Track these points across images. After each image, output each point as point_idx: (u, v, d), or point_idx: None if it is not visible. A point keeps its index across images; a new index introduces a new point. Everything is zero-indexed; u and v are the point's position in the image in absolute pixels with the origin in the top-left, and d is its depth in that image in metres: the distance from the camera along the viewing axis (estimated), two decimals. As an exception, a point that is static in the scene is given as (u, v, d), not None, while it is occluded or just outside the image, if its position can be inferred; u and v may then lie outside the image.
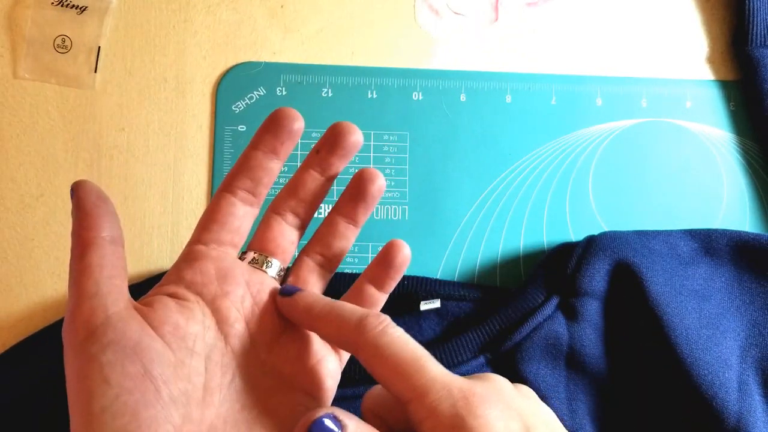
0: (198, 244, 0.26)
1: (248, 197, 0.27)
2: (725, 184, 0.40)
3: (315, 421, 0.21)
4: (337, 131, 0.27)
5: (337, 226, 0.28)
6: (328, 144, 0.27)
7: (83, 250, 0.23)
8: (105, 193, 0.24)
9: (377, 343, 0.23)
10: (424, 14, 0.41)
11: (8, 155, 0.38)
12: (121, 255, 0.24)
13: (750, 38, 0.40)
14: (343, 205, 0.28)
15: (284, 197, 0.28)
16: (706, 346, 0.33)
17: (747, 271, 0.36)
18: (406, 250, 0.28)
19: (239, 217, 0.27)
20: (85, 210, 0.23)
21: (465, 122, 0.40)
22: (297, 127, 0.26)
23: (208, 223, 0.26)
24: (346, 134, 0.27)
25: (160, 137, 0.39)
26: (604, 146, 0.40)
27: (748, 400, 0.32)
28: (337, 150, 0.27)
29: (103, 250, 0.23)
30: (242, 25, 0.40)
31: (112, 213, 0.24)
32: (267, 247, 0.27)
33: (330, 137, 0.27)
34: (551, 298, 0.35)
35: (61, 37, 0.38)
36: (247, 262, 0.27)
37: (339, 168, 0.28)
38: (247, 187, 0.27)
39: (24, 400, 0.33)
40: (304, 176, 0.28)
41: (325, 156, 0.27)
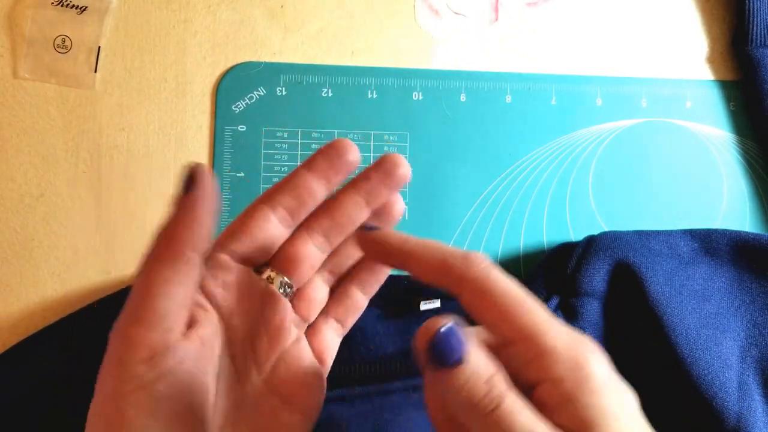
0: (223, 253, 0.25)
1: (286, 218, 0.25)
2: (725, 184, 0.40)
3: (446, 329, 0.19)
4: (391, 162, 0.26)
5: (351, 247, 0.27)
6: (381, 173, 0.26)
7: (170, 260, 0.21)
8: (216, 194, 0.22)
9: (487, 278, 0.21)
10: (424, 14, 0.41)
11: (8, 155, 0.38)
12: (198, 277, 0.22)
13: (750, 38, 0.40)
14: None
15: (319, 216, 0.26)
16: (706, 346, 0.33)
17: (747, 271, 0.36)
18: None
19: (271, 234, 0.25)
20: (194, 215, 0.21)
21: (465, 122, 0.40)
22: (353, 159, 0.25)
23: (237, 233, 0.25)
24: (399, 166, 0.26)
25: (160, 137, 0.39)
26: (604, 146, 0.40)
27: (748, 400, 0.32)
28: (388, 180, 0.26)
29: (191, 268, 0.21)
30: (242, 25, 0.40)
31: (212, 225, 0.22)
32: (287, 266, 0.26)
33: (382, 166, 0.26)
34: (551, 298, 0.35)
35: (61, 37, 0.38)
36: (264, 277, 0.26)
37: (385, 199, 0.27)
38: (287, 205, 0.25)
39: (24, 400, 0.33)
40: (346, 200, 0.26)
41: (375, 184, 0.26)
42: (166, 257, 0.21)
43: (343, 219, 0.26)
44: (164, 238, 0.21)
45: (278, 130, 0.39)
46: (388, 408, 0.34)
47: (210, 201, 0.21)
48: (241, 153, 0.39)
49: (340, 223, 0.26)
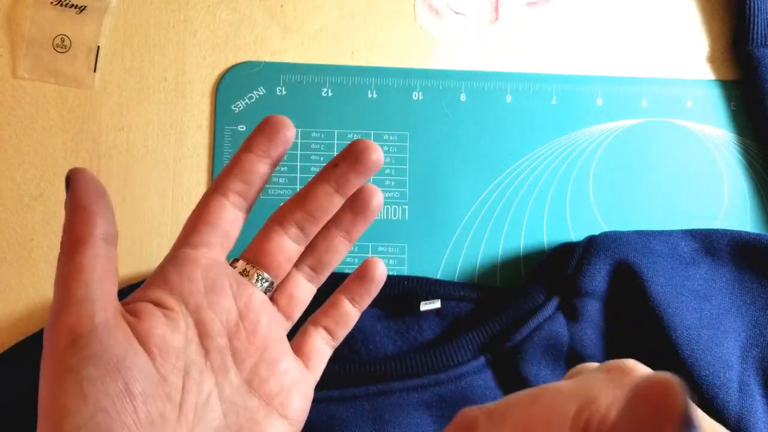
0: (186, 247, 0.25)
1: (239, 201, 0.25)
2: (726, 184, 0.40)
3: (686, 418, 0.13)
4: (359, 148, 0.26)
5: (332, 240, 0.27)
6: (349, 159, 0.26)
7: (75, 248, 0.22)
8: (100, 182, 0.23)
9: None
10: (424, 14, 0.41)
11: (8, 155, 0.38)
12: (114, 255, 0.23)
13: (751, 38, 0.40)
14: (342, 218, 0.27)
15: (291, 208, 0.26)
16: (706, 346, 0.33)
17: (748, 272, 0.36)
18: (382, 267, 0.28)
19: (229, 220, 0.25)
20: (80, 204, 0.22)
21: (465, 122, 0.40)
22: (289, 134, 0.25)
23: (197, 225, 0.25)
24: (369, 151, 0.26)
25: (159, 137, 0.39)
26: (604, 146, 0.40)
27: (749, 400, 0.32)
28: (357, 167, 0.26)
29: (97, 250, 0.22)
30: (242, 24, 0.40)
31: (109, 209, 0.22)
32: (262, 259, 0.26)
33: (351, 152, 0.26)
34: (552, 298, 0.35)
35: (61, 36, 0.38)
36: (237, 271, 0.26)
37: (356, 186, 0.27)
38: (239, 190, 0.25)
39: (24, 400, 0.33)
40: (316, 189, 0.26)
41: (344, 171, 0.26)
42: (70, 246, 0.22)
43: (315, 209, 0.26)
44: (65, 232, 0.22)
45: (278, 130, 0.39)
46: (388, 408, 0.33)
47: (93, 190, 0.22)
48: (240, 153, 0.39)
49: (312, 213, 0.26)
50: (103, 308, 0.21)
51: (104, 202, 0.22)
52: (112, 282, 0.22)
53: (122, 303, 0.23)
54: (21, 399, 0.33)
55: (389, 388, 0.34)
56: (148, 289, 0.24)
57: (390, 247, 0.38)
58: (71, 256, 0.22)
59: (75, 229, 0.22)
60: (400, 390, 0.34)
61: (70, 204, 0.22)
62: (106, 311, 0.21)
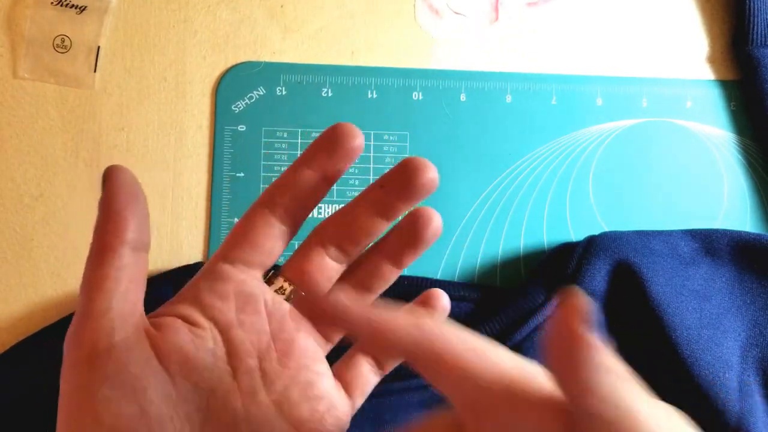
0: (223, 262, 0.23)
1: (287, 218, 0.24)
2: (726, 184, 0.40)
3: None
4: (410, 167, 0.23)
5: (376, 266, 0.25)
6: (398, 182, 0.23)
7: (101, 257, 0.21)
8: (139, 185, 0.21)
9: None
10: (424, 14, 0.41)
11: (8, 155, 0.38)
12: (143, 264, 0.22)
13: (750, 38, 0.40)
14: (390, 246, 0.25)
15: (332, 228, 0.24)
16: (706, 346, 0.33)
17: (748, 272, 0.36)
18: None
19: (274, 237, 0.23)
20: (113, 208, 0.21)
21: (465, 122, 0.40)
22: (356, 145, 0.23)
23: (239, 240, 0.23)
24: (421, 173, 0.22)
25: (159, 137, 0.39)
26: (604, 146, 0.40)
27: (749, 400, 0.32)
28: (405, 191, 0.23)
29: (124, 260, 0.21)
30: (242, 24, 0.40)
31: (143, 214, 0.21)
32: (301, 277, 0.24)
33: (400, 173, 0.23)
34: (551, 298, 0.35)
35: (61, 36, 0.38)
36: (273, 289, 0.24)
37: (402, 212, 0.24)
38: (289, 205, 0.23)
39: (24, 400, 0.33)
40: (359, 211, 0.24)
41: (389, 196, 0.23)
42: (96, 254, 0.21)
43: (358, 232, 0.24)
44: (94, 237, 0.21)
45: (278, 130, 0.39)
46: (388, 408, 0.33)
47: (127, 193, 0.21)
48: (240, 153, 0.39)
49: (355, 236, 0.24)
50: (124, 324, 0.20)
51: (138, 206, 0.21)
52: (137, 293, 0.21)
53: (150, 315, 0.23)
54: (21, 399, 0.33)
55: (389, 388, 0.34)
56: (179, 303, 0.23)
57: (390, 247, 0.38)
58: (97, 265, 0.21)
59: (103, 236, 0.21)
60: (400, 390, 0.34)
61: (102, 207, 0.21)
62: (127, 327, 0.21)
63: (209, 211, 0.38)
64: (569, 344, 0.17)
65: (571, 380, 0.17)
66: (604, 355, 0.17)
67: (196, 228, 0.38)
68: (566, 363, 0.17)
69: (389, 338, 0.20)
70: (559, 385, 0.18)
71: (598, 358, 0.17)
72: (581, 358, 0.17)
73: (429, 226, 0.24)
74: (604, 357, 0.17)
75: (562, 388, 0.18)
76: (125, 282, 0.21)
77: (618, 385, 0.17)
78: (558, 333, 0.18)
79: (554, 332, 0.18)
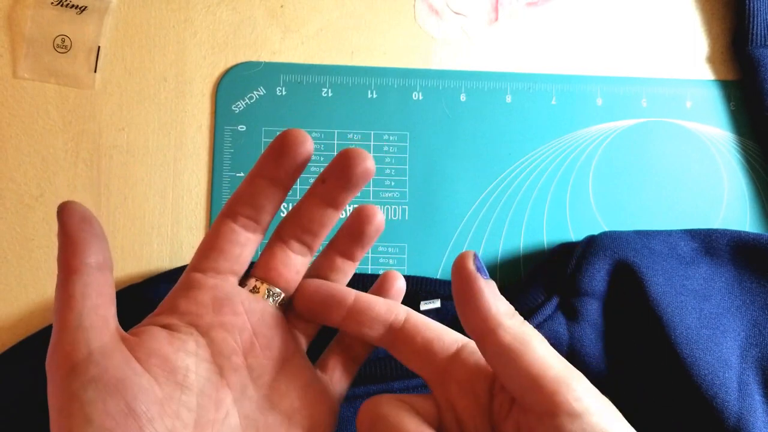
0: (195, 272, 0.25)
1: (250, 224, 0.25)
2: (725, 184, 0.40)
3: (475, 256, 0.22)
4: (345, 159, 0.24)
5: (334, 262, 0.27)
6: (335, 174, 0.25)
7: (66, 278, 0.22)
8: (91, 212, 0.23)
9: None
10: (424, 14, 0.41)
11: (8, 155, 0.38)
12: (107, 281, 0.23)
13: (750, 38, 0.40)
14: (341, 243, 0.27)
15: (289, 224, 0.26)
16: (706, 346, 0.33)
17: (747, 271, 0.36)
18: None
19: (240, 244, 0.25)
20: (68, 234, 0.22)
21: (465, 122, 0.40)
22: (304, 151, 0.24)
23: (207, 250, 0.25)
24: (355, 164, 0.24)
25: (159, 137, 0.39)
26: (604, 146, 0.40)
27: (749, 400, 0.32)
28: (344, 182, 0.25)
29: (88, 278, 0.22)
30: (242, 25, 0.40)
31: (98, 235, 0.23)
32: (270, 275, 0.26)
33: (337, 166, 0.24)
34: (551, 298, 0.35)
35: (61, 36, 0.38)
36: (248, 289, 0.26)
37: (347, 200, 0.25)
38: (248, 214, 0.25)
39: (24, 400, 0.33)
40: (309, 205, 0.26)
41: (331, 188, 0.25)
42: (62, 276, 0.22)
43: (312, 225, 0.26)
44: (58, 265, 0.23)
45: (278, 130, 0.39)
46: (388, 408, 0.33)
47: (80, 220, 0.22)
48: (241, 153, 0.39)
49: (310, 229, 0.26)
50: (99, 334, 0.22)
51: (92, 229, 0.23)
52: (106, 307, 0.22)
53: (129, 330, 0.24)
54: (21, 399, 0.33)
55: (389, 388, 0.34)
56: (157, 315, 0.25)
57: (390, 247, 0.38)
58: (64, 286, 0.22)
59: (66, 260, 0.22)
60: (401, 390, 0.34)
61: (60, 235, 0.23)
62: (101, 336, 0.22)
63: (209, 211, 0.38)
64: (464, 281, 0.22)
65: (473, 316, 0.22)
66: (494, 288, 0.22)
67: (196, 228, 0.38)
68: (466, 297, 0.22)
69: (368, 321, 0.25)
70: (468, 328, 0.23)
71: (489, 289, 0.22)
72: (477, 291, 0.22)
73: (371, 223, 0.26)
74: (494, 290, 0.22)
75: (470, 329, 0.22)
76: (93, 298, 0.22)
77: (515, 322, 0.22)
78: (455, 275, 0.22)
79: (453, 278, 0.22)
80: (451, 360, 0.24)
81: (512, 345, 0.21)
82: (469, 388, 0.23)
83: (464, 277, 0.22)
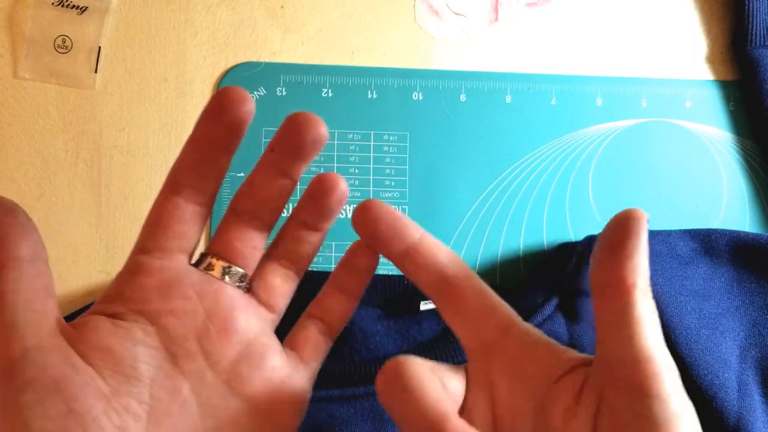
0: (140, 254, 0.23)
1: (195, 196, 0.23)
2: (725, 184, 0.40)
3: None
4: (294, 125, 0.22)
5: (298, 231, 0.25)
6: (284, 143, 0.23)
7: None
8: (13, 202, 0.21)
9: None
10: (424, 14, 0.41)
11: (8, 155, 0.38)
12: (42, 272, 0.22)
13: (750, 38, 0.40)
14: (302, 213, 0.25)
15: (242, 197, 0.24)
16: (705, 346, 0.33)
17: (747, 271, 0.36)
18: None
19: (185, 220, 0.23)
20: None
21: (465, 122, 0.40)
22: (245, 109, 0.22)
23: (151, 229, 0.23)
24: (304, 130, 0.22)
25: (160, 137, 0.39)
26: (604, 146, 0.40)
27: (748, 400, 0.32)
28: (294, 151, 0.23)
29: (18, 273, 0.21)
30: (242, 25, 0.40)
31: (24, 225, 0.21)
32: (226, 252, 0.24)
33: (285, 134, 0.23)
34: (551, 298, 0.35)
35: (62, 37, 0.38)
36: (202, 268, 0.24)
37: (300, 170, 0.24)
38: (191, 182, 0.23)
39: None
40: (260, 176, 0.24)
41: (280, 158, 0.23)
42: None
43: (266, 196, 0.24)
44: None
45: (278, 130, 0.39)
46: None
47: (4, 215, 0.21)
48: (241, 153, 0.39)
49: (264, 201, 0.24)
50: (34, 331, 0.21)
51: (16, 219, 0.21)
52: (42, 300, 0.21)
53: (72, 322, 0.23)
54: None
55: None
56: (102, 303, 0.23)
57: (390, 247, 0.38)
58: None
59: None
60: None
61: None
62: (38, 333, 0.21)
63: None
64: (632, 230, 0.20)
65: (620, 266, 0.20)
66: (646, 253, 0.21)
67: (196, 228, 0.38)
68: (622, 245, 0.20)
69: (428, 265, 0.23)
70: (601, 276, 0.21)
71: (645, 251, 0.21)
72: (639, 244, 0.20)
73: (333, 193, 0.24)
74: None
75: (605, 278, 0.21)
76: (25, 293, 0.21)
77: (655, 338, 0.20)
78: (621, 221, 0.21)
79: (617, 223, 0.21)
80: (504, 334, 0.23)
81: (640, 309, 0.20)
82: (521, 369, 0.22)
83: (635, 226, 0.20)
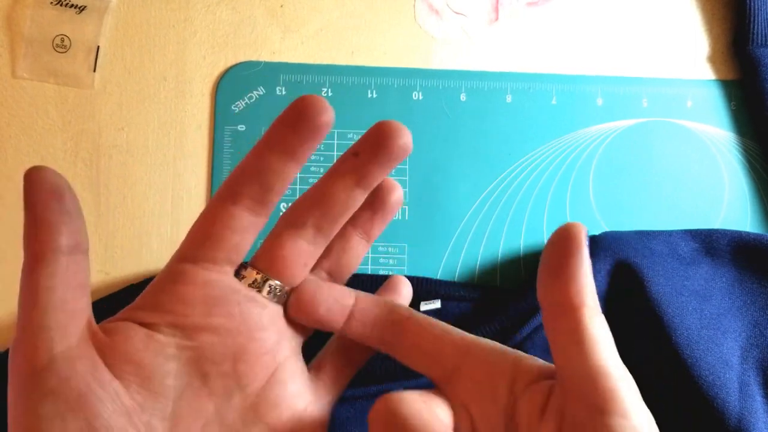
0: (184, 262, 0.22)
1: (255, 206, 0.22)
2: (726, 184, 0.40)
3: None
4: (383, 132, 0.21)
5: (350, 240, 0.25)
6: (371, 147, 0.22)
7: (31, 266, 0.19)
8: (64, 181, 0.19)
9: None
10: (424, 14, 0.41)
11: (7, 155, 0.38)
12: (80, 266, 0.20)
13: (751, 38, 0.40)
14: (360, 216, 0.24)
15: (306, 207, 0.23)
16: (707, 346, 0.33)
17: (748, 272, 0.36)
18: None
19: (240, 231, 0.22)
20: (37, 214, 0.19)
21: (465, 122, 0.40)
22: (325, 120, 0.21)
23: (200, 237, 0.22)
24: (395, 137, 0.21)
25: (159, 137, 0.39)
26: (604, 146, 0.40)
27: (749, 400, 0.32)
28: (381, 156, 0.22)
29: (56, 266, 0.19)
30: (242, 24, 0.40)
31: (70, 212, 0.19)
32: (274, 267, 0.23)
33: (373, 139, 0.22)
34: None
35: (60, 36, 0.38)
36: (246, 284, 0.23)
37: (380, 178, 0.23)
38: (254, 194, 0.21)
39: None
40: (334, 184, 0.22)
41: (365, 162, 0.22)
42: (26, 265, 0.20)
43: (334, 207, 0.22)
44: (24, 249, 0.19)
45: (278, 130, 0.39)
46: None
47: (50, 194, 0.19)
48: (241, 153, 0.39)
49: (331, 212, 0.22)
50: (64, 335, 0.19)
51: (62, 204, 0.19)
52: (78, 298, 0.20)
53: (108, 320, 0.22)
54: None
55: (389, 388, 0.34)
56: (137, 309, 0.22)
57: (390, 247, 0.38)
58: (28, 277, 0.20)
59: (31, 245, 0.19)
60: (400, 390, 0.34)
61: (26, 213, 0.19)
62: (68, 338, 0.19)
63: (209, 211, 0.38)
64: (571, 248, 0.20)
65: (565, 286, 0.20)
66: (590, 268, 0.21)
67: (195, 228, 0.38)
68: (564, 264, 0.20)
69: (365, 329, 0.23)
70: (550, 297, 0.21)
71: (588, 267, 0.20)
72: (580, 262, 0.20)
73: (392, 194, 0.25)
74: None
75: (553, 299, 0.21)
76: (60, 290, 0.19)
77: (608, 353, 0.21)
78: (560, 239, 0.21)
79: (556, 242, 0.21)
80: (463, 358, 0.22)
81: (590, 328, 0.20)
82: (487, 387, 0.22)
83: (573, 244, 0.20)
